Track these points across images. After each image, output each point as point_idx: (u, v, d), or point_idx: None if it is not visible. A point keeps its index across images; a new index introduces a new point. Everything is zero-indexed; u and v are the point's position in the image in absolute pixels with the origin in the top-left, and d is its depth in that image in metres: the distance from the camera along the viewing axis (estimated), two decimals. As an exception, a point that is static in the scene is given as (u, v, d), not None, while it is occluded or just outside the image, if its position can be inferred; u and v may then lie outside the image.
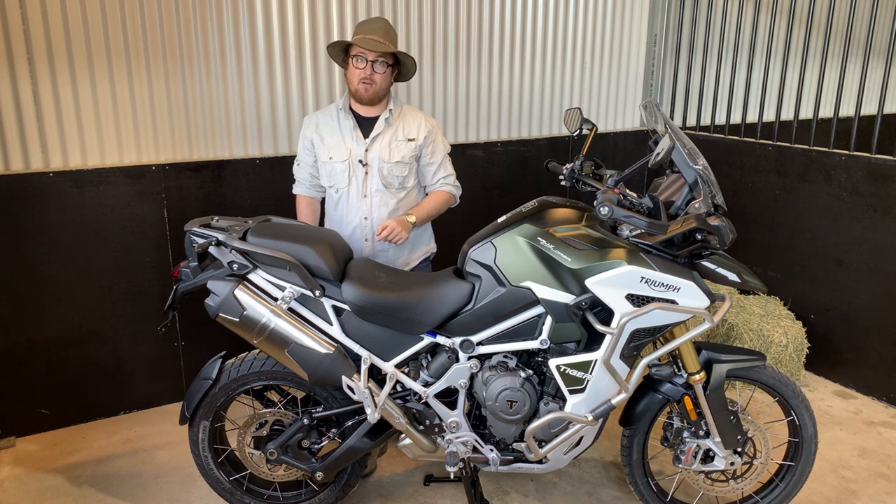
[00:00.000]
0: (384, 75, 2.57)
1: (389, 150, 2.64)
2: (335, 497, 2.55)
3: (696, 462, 2.40)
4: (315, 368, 2.21)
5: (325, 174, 2.69)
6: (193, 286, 2.25)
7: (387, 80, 2.59)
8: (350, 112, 2.65)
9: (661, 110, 2.29)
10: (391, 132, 2.65)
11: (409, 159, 2.66)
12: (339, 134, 2.65)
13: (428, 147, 2.71)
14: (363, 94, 2.57)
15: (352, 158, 2.63)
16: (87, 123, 2.99)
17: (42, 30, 2.82)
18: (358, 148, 2.63)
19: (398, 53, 2.57)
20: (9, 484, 2.78)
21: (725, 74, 4.25)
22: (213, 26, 3.14)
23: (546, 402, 2.27)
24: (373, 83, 2.55)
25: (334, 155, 2.64)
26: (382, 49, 2.50)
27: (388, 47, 2.51)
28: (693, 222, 2.02)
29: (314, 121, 2.71)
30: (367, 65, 2.53)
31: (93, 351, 3.15)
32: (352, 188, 2.65)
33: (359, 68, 2.54)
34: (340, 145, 2.64)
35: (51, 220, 2.95)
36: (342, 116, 2.66)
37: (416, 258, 2.83)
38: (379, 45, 2.49)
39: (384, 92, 2.61)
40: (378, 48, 2.49)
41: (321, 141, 2.66)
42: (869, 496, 2.78)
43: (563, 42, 4.14)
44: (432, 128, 2.72)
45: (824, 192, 3.60)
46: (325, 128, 2.67)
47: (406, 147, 2.65)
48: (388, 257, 2.74)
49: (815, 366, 3.73)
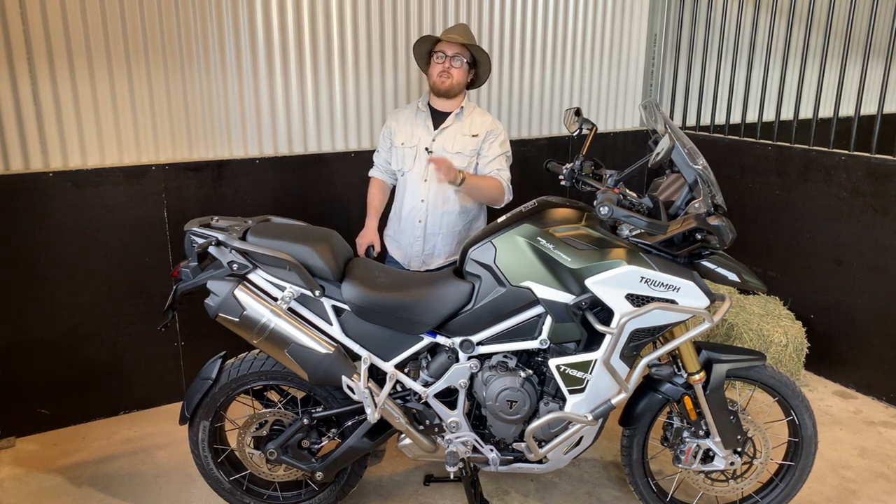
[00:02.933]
0: (460, 70, 2.81)
1: (454, 141, 2.85)
2: (335, 497, 2.55)
3: (695, 462, 2.40)
4: (315, 368, 2.21)
5: (395, 158, 2.94)
6: (193, 286, 2.25)
7: (463, 75, 2.83)
8: (427, 106, 2.92)
9: (660, 110, 2.29)
10: (459, 126, 2.88)
11: (468, 152, 2.85)
12: (413, 123, 2.92)
13: (486, 142, 2.88)
14: (440, 86, 2.81)
15: (419, 145, 2.87)
16: (87, 123, 2.99)
17: (42, 30, 2.82)
18: (427, 136, 2.88)
19: (474, 52, 2.83)
20: (9, 484, 2.78)
21: (725, 74, 4.25)
22: (212, 26, 3.14)
23: (546, 402, 2.27)
24: (449, 76, 2.80)
25: (405, 141, 2.90)
26: (461, 40, 2.75)
27: (467, 40, 2.77)
28: (693, 222, 2.02)
29: (397, 113, 2.99)
30: (446, 59, 2.80)
31: (93, 351, 3.15)
32: (415, 171, 2.88)
33: (438, 63, 2.81)
34: (412, 133, 2.90)
35: (51, 220, 2.95)
36: (420, 109, 2.93)
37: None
38: (457, 39, 2.76)
39: (460, 87, 2.85)
40: (456, 40, 2.76)
41: (398, 129, 2.93)
42: (869, 496, 2.78)
43: (563, 42, 4.14)
44: (496, 128, 2.91)
45: (824, 191, 3.60)
46: (404, 119, 2.95)
47: (469, 142, 2.85)
48: (437, 244, 2.91)
49: (815, 366, 3.73)
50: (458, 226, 2.92)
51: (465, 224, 2.94)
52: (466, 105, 2.92)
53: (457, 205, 2.89)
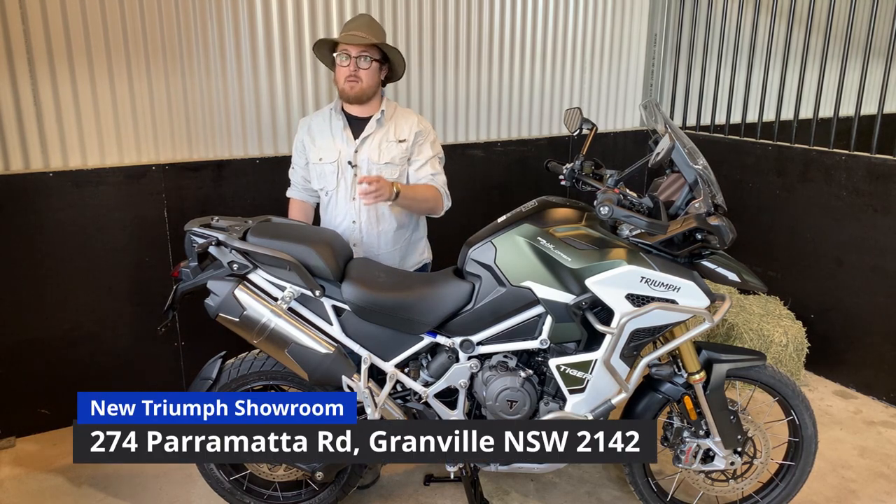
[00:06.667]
0: (369, 71, 2.47)
1: (379, 151, 2.54)
2: (335, 497, 2.55)
3: (696, 462, 2.40)
4: (315, 368, 2.21)
5: (315, 176, 2.63)
6: (193, 286, 2.25)
7: (373, 76, 2.49)
8: (342, 113, 2.59)
9: (660, 110, 2.29)
10: (382, 133, 2.57)
11: (399, 161, 2.56)
12: (329, 135, 2.58)
13: (416, 144, 2.60)
14: (349, 92, 2.48)
15: (341, 159, 2.55)
16: (87, 123, 2.99)
17: (42, 30, 2.82)
18: (347, 149, 2.55)
19: (383, 47, 2.48)
20: (9, 484, 2.78)
21: (725, 74, 4.25)
22: (212, 26, 3.14)
23: (546, 402, 2.27)
24: (358, 80, 2.46)
25: (324, 156, 2.57)
26: (363, 42, 2.41)
27: (369, 40, 2.43)
28: (693, 222, 2.02)
29: (307, 123, 2.65)
30: (350, 61, 2.45)
31: (93, 351, 3.15)
32: (340, 190, 2.58)
33: (343, 66, 2.46)
34: (330, 146, 2.57)
35: (51, 220, 2.95)
36: (334, 117, 2.59)
37: (410, 267, 2.75)
38: (359, 39, 2.41)
39: (372, 90, 2.52)
40: (359, 41, 2.41)
41: (312, 142, 2.60)
42: (869, 496, 2.78)
43: (563, 42, 4.14)
44: (423, 129, 2.62)
45: (824, 191, 3.60)
46: (317, 130, 2.61)
47: (396, 148, 2.56)
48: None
49: (815, 366, 3.73)
50: (399, 242, 2.66)
51: (405, 240, 2.68)
52: (387, 106, 2.58)
53: (393, 222, 2.61)
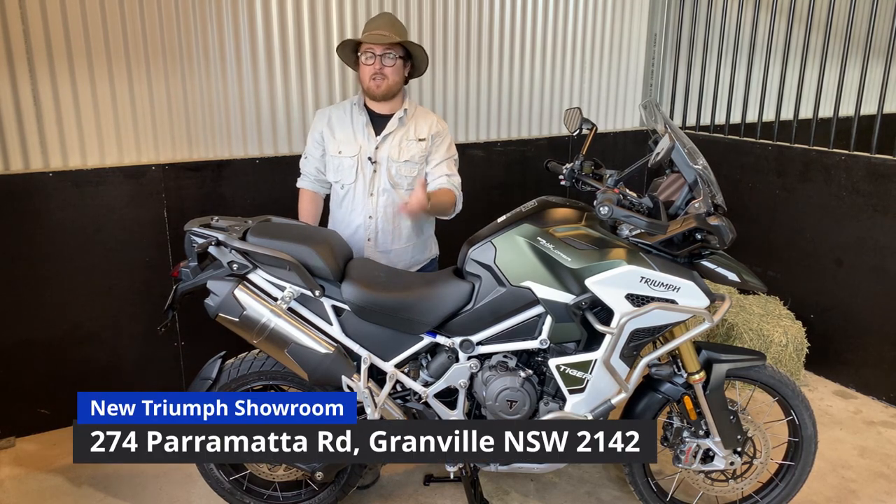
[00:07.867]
0: (394, 68, 2.52)
1: (399, 149, 2.60)
2: (335, 497, 2.55)
3: (695, 462, 2.40)
4: (315, 368, 2.21)
5: (332, 168, 2.66)
6: (193, 286, 2.25)
7: (398, 73, 2.54)
8: (364, 108, 2.62)
9: (660, 110, 2.29)
10: (403, 131, 2.62)
11: (418, 159, 2.62)
12: (350, 129, 2.62)
13: (434, 145, 2.66)
14: (375, 90, 2.53)
15: (361, 155, 2.59)
16: (87, 123, 2.99)
17: (42, 30, 2.82)
18: (369, 145, 2.59)
19: (406, 44, 2.53)
20: (9, 484, 2.78)
21: (725, 74, 4.25)
22: (212, 26, 3.14)
23: (546, 402, 2.27)
24: (384, 78, 2.52)
25: (344, 150, 2.61)
26: (388, 41, 2.46)
27: (393, 38, 2.48)
28: (693, 222, 2.02)
29: (326, 115, 2.68)
30: (375, 59, 2.50)
31: (93, 351, 3.15)
32: (358, 185, 2.62)
33: (368, 65, 2.51)
34: (351, 140, 2.60)
35: (51, 220, 2.95)
36: (356, 112, 2.62)
37: (421, 262, 2.80)
38: (384, 38, 2.47)
39: (397, 87, 2.57)
40: (383, 41, 2.46)
41: (332, 135, 2.63)
42: (869, 496, 2.78)
43: (563, 42, 4.14)
44: (442, 129, 2.68)
45: (824, 191, 3.60)
46: (338, 122, 2.64)
47: (416, 147, 2.61)
48: (391, 259, 2.71)
49: (815, 366, 3.73)
50: (412, 239, 2.71)
51: (417, 237, 2.73)
52: (409, 105, 2.64)
53: (409, 219, 2.66)
